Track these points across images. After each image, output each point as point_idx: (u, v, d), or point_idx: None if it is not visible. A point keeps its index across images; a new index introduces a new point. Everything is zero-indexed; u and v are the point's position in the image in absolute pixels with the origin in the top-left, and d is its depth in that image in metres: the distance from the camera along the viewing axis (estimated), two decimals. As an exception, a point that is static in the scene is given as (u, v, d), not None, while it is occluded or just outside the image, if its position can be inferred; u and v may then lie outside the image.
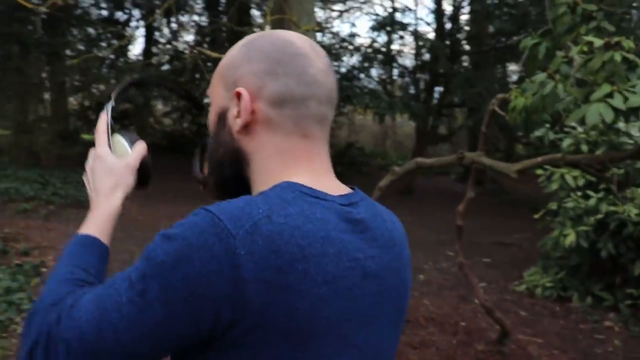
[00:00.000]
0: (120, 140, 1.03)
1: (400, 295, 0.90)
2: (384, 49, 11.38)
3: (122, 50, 13.34)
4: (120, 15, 13.13)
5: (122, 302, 0.71)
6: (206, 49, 7.29)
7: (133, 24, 13.29)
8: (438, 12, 10.76)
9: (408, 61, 11.93)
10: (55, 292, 0.80)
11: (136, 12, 13.43)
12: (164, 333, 0.71)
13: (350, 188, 0.89)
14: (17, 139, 10.33)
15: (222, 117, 0.88)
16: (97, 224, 0.96)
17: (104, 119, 1.03)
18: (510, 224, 9.11)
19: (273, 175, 0.84)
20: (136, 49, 14.63)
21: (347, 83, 9.98)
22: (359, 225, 0.82)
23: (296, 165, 0.85)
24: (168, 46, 14.27)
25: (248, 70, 0.85)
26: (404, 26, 10.80)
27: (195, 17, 13.96)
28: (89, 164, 1.01)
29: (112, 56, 12.56)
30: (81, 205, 8.17)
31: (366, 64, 10.91)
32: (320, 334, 0.76)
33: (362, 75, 11.03)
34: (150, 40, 14.24)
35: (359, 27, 44.88)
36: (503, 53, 10.62)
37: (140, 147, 1.02)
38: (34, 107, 12.16)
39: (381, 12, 13.78)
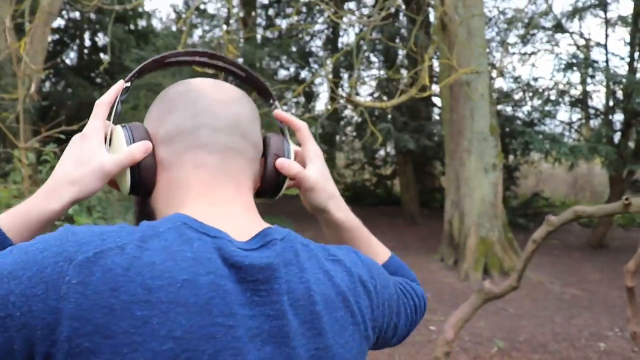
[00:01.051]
0: (119, 132, 0.82)
1: None
2: (573, 90, 10.56)
3: (307, 107, 14.21)
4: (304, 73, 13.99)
5: None
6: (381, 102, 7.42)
7: (318, 80, 14.06)
8: (632, 44, 9.66)
9: (597, 100, 10.92)
10: None
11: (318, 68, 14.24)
12: None
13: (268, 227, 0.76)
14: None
15: None
16: (17, 217, 0.77)
17: (114, 92, 0.87)
18: None
19: (168, 208, 0.78)
20: (319, 105, 15.31)
21: (527, 129, 9.35)
22: (250, 273, 0.67)
23: (188, 197, 0.77)
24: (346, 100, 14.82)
25: (150, 119, 0.85)
26: (593, 64, 9.86)
27: (375, 71, 14.38)
28: (71, 140, 0.83)
29: (298, 112, 13.45)
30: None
31: (549, 107, 10.17)
32: None
33: (546, 120, 10.33)
34: (333, 94, 14.94)
35: (541, 69, 43.16)
36: None
37: (138, 147, 0.80)
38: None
39: (568, 50, 12.88)
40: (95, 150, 0.80)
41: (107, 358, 0.59)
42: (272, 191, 0.91)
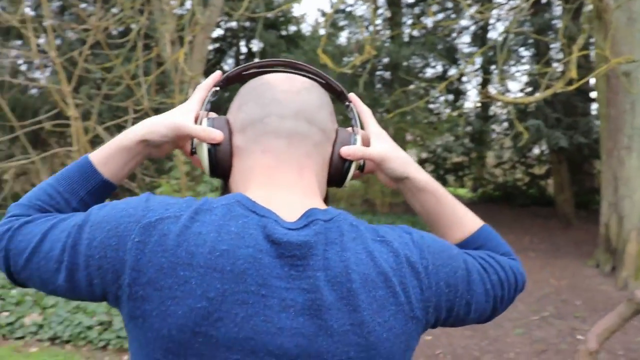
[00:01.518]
0: (204, 120, 0.91)
1: (348, 344, 0.75)
2: None
3: (455, 105, 13.89)
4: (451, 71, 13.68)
5: (55, 241, 0.80)
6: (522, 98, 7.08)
7: (465, 78, 13.70)
8: None
9: None
10: (26, 201, 0.89)
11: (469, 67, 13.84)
12: (72, 277, 0.79)
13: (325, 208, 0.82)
14: (354, 188, 11.61)
15: None
16: (102, 150, 0.93)
17: (212, 80, 0.98)
18: None
19: (239, 190, 0.87)
20: (468, 103, 14.86)
21: None
22: (289, 249, 0.74)
23: (253, 180, 0.86)
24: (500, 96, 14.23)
25: (231, 111, 0.95)
26: None
27: (527, 66, 13.63)
28: None
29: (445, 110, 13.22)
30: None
31: None
32: (194, 353, 0.73)
33: None
34: (483, 91, 14.46)
35: None
36: None
37: (211, 129, 0.89)
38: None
39: None
40: (175, 111, 0.94)
41: (155, 306, 0.72)
42: (340, 179, 0.94)
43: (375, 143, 0.95)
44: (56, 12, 12.98)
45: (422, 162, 16.07)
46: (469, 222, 1.00)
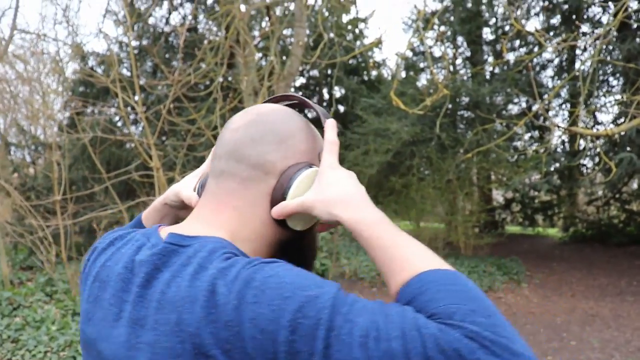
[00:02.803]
0: (197, 186, 1.07)
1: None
2: None
3: (541, 141, 13.39)
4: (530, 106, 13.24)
5: None
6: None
7: (550, 113, 13.20)
8: None
9: None
10: None
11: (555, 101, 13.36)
12: None
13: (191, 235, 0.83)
14: (438, 231, 11.35)
15: None
16: (148, 209, 1.14)
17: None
18: None
19: None
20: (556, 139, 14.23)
21: None
22: (138, 266, 0.82)
23: (189, 217, 0.93)
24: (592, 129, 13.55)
25: None
26: None
27: (618, 96, 12.93)
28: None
29: (531, 147, 12.75)
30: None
31: None
32: (82, 347, 0.90)
33: None
34: (573, 124, 13.84)
35: None
36: None
37: (191, 197, 1.04)
38: (463, 201, 13.17)
39: None
40: (183, 180, 1.13)
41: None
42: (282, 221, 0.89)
43: (313, 187, 0.87)
44: (149, 71, 13.92)
45: (508, 202, 15.50)
46: (406, 268, 0.74)
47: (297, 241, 0.92)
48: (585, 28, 12.29)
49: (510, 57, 13.06)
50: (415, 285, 0.71)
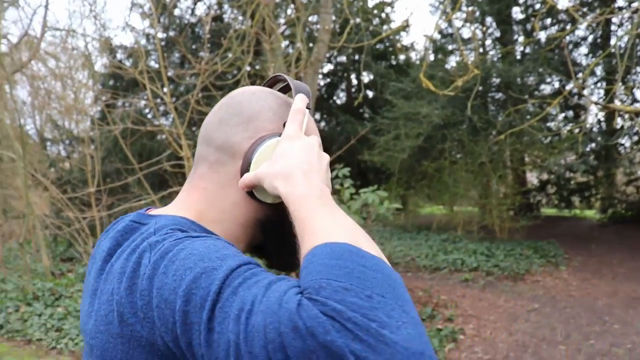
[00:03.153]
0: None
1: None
2: None
3: (576, 121, 13.08)
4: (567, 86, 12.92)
5: None
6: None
7: (585, 92, 12.86)
8: None
9: None
10: None
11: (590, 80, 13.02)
12: None
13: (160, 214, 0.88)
14: (472, 214, 11.20)
15: None
16: None
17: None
18: None
19: None
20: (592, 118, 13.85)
21: None
22: (100, 248, 0.87)
23: None
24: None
25: None
26: None
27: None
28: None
29: (565, 128, 12.46)
30: (518, 277, 8.20)
31: None
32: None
33: None
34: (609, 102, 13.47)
35: None
36: None
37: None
38: (497, 184, 12.93)
39: None
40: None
41: None
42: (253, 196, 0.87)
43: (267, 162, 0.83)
44: (177, 62, 14.00)
45: (543, 184, 15.21)
46: (308, 242, 0.69)
47: (278, 221, 0.86)
48: (620, 2, 11.90)
49: (542, 35, 12.74)
50: (306, 258, 0.66)
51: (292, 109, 0.87)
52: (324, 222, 0.69)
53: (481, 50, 14.13)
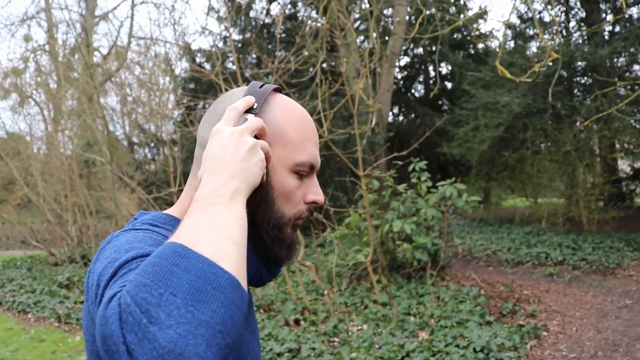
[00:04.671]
0: None
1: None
2: None
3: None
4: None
5: None
6: None
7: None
8: None
9: None
10: None
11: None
12: None
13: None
14: (557, 206, 10.72)
15: None
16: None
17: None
18: None
19: None
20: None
21: None
22: None
23: None
24: None
25: None
26: None
27: None
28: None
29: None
30: (608, 272, 7.76)
31: None
32: None
33: None
34: None
35: None
36: None
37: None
38: (584, 173, 12.29)
39: None
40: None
41: None
42: None
43: None
44: (254, 63, 14.30)
45: (637, 172, 14.29)
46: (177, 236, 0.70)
47: (250, 213, 0.83)
48: None
49: (633, 11, 11.93)
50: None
51: (227, 108, 0.86)
52: (186, 223, 0.70)
53: (564, 33, 13.44)
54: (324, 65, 10.93)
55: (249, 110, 0.86)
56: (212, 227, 0.69)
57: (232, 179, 0.76)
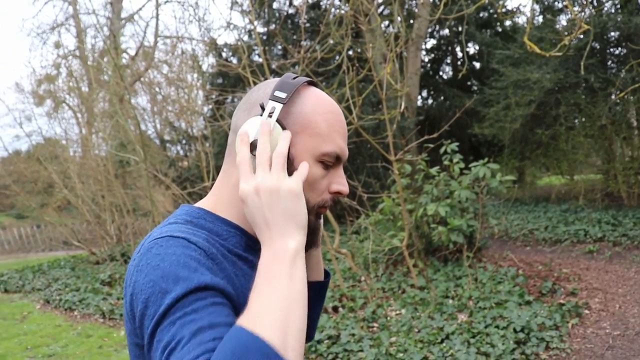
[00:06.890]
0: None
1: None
2: None
3: None
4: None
5: None
6: None
7: None
8: None
9: None
10: None
11: None
12: None
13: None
14: (594, 182, 10.48)
15: None
16: None
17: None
18: None
19: None
20: None
21: None
22: None
23: None
24: None
25: None
26: None
27: None
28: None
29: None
30: (650, 246, 7.57)
31: None
32: None
33: None
34: None
35: None
36: None
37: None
38: (622, 147, 11.98)
39: None
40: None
41: None
42: None
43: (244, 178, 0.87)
44: (280, 54, 14.32)
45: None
46: (245, 314, 0.75)
47: None
48: None
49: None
50: (226, 335, 0.71)
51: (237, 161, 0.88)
52: (265, 298, 0.75)
53: (595, 3, 13.07)
54: (350, 52, 10.89)
55: (278, 100, 0.88)
56: (282, 302, 0.75)
57: (289, 236, 0.82)
